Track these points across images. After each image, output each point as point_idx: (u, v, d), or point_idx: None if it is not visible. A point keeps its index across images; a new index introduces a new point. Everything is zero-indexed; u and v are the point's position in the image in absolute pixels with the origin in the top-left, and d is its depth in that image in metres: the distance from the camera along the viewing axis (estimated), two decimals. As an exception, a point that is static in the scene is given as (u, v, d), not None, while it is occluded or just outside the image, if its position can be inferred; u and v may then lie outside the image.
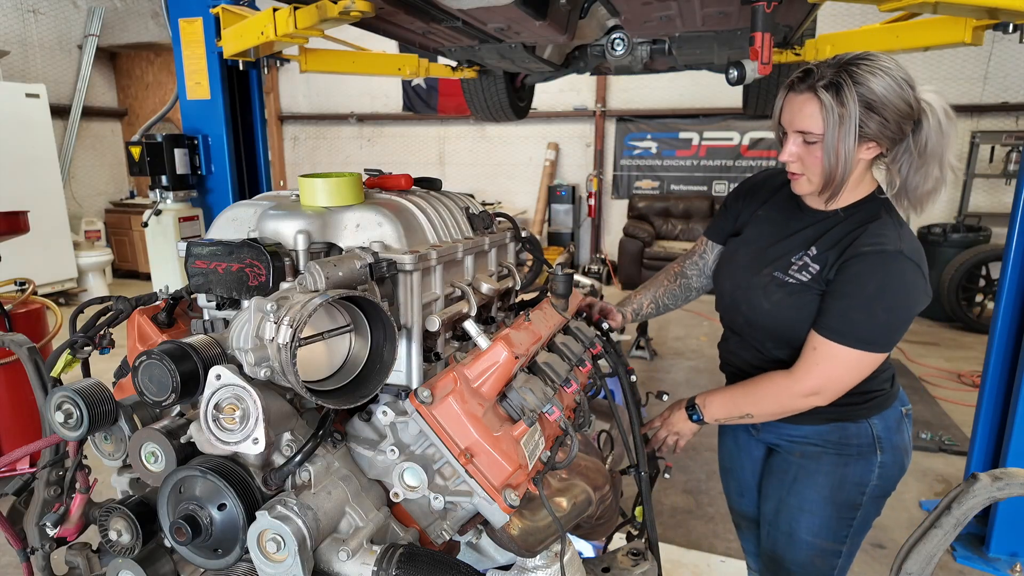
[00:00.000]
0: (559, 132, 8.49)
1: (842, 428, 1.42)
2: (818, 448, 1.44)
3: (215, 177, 2.98)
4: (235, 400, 0.80)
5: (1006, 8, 1.92)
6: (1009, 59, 6.49)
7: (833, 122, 1.20)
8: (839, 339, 1.26)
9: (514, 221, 1.41)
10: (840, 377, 1.29)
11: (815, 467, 1.45)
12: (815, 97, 1.21)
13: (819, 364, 1.29)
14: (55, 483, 1.16)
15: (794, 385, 1.32)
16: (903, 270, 1.23)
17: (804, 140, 1.26)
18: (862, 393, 1.38)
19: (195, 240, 0.97)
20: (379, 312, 0.87)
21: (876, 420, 1.42)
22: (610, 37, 2.30)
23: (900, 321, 1.26)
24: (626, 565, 1.22)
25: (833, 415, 1.40)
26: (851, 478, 1.43)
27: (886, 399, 1.43)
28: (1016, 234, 2.44)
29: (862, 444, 1.41)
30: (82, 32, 8.25)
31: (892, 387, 1.45)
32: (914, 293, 1.24)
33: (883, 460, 1.42)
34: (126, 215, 8.22)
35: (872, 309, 1.24)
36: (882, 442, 1.41)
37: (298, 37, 2.28)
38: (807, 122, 1.23)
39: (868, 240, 1.26)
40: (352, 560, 0.84)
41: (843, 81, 1.18)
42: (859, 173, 1.29)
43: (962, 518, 0.99)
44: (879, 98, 1.18)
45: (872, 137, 1.22)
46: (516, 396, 1.01)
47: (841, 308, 1.26)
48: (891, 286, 1.22)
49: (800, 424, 1.44)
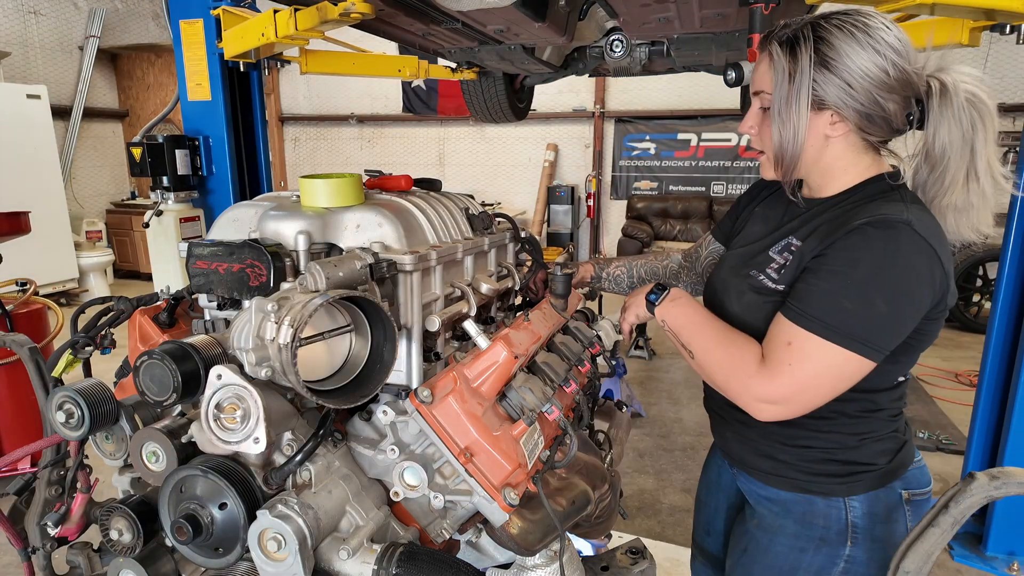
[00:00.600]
0: (558, 133, 8.50)
1: (809, 501, 1.12)
2: (777, 520, 1.16)
3: (216, 178, 2.98)
4: (236, 400, 0.80)
5: (1003, 9, 1.92)
6: (1006, 60, 6.49)
7: (781, 78, 1.00)
8: (823, 332, 0.94)
9: (513, 222, 1.42)
10: (818, 386, 0.98)
11: (767, 543, 1.17)
12: (768, 53, 1.03)
13: (793, 365, 0.96)
14: (56, 483, 1.16)
15: (757, 382, 0.99)
16: (911, 247, 0.93)
17: (761, 106, 1.07)
18: (843, 463, 1.09)
19: (196, 241, 0.98)
20: (379, 312, 0.87)
21: (856, 502, 1.10)
22: (609, 39, 2.31)
23: (906, 315, 0.95)
24: (625, 564, 1.22)
25: (800, 483, 1.13)
26: (805, 567, 1.13)
27: (879, 477, 1.10)
28: (1013, 234, 2.44)
29: (829, 527, 1.11)
30: (83, 33, 8.25)
31: (893, 461, 1.11)
32: (926, 278, 0.94)
33: (852, 554, 1.10)
34: (127, 216, 8.22)
35: (868, 294, 0.94)
36: (857, 531, 1.10)
37: (299, 39, 2.29)
38: (759, 80, 1.05)
39: (866, 213, 0.98)
40: (353, 559, 0.85)
41: (801, 36, 0.99)
42: (838, 155, 1.05)
43: (959, 517, 0.99)
44: (840, 57, 0.97)
45: (833, 105, 0.99)
46: (515, 396, 1.01)
47: (826, 291, 0.96)
48: (894, 265, 0.93)
49: (764, 483, 1.18)
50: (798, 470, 1.12)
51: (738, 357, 1.03)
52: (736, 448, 1.24)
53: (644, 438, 3.74)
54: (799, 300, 0.99)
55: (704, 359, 1.08)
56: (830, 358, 0.96)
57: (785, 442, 1.13)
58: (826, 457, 1.10)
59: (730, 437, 1.25)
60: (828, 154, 1.05)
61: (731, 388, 1.04)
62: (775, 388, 0.98)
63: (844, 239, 0.97)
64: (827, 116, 1.01)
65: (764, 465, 1.17)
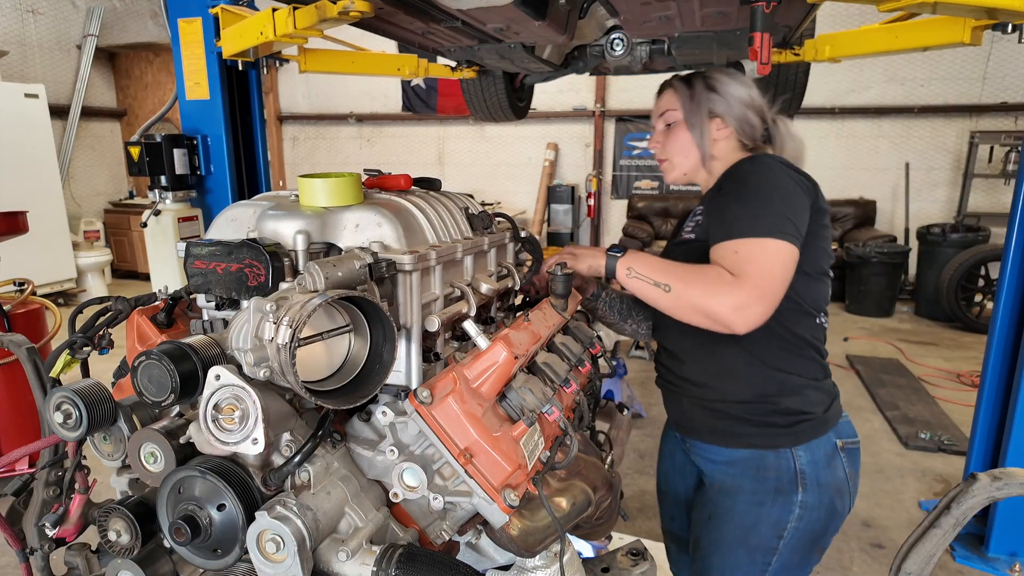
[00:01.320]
0: (558, 132, 8.49)
1: (760, 457, 1.29)
2: (735, 481, 1.32)
3: (214, 177, 2.97)
4: (234, 400, 0.80)
5: (1005, 8, 1.92)
6: (1008, 59, 6.49)
7: (685, 99, 1.41)
8: (752, 232, 1.17)
9: (513, 221, 1.41)
10: (772, 275, 1.15)
11: (730, 505, 1.32)
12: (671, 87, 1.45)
13: (749, 265, 1.15)
14: (54, 483, 1.16)
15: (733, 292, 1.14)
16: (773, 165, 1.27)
17: (665, 124, 1.45)
18: (787, 414, 1.27)
19: (194, 240, 0.97)
20: (378, 312, 0.87)
21: (801, 451, 1.28)
22: (609, 37, 2.30)
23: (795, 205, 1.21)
24: (625, 565, 1.22)
25: (751, 439, 1.30)
26: (766, 518, 1.29)
27: (817, 426, 1.29)
28: (1015, 234, 2.44)
29: (781, 478, 1.28)
30: (81, 32, 8.24)
31: (827, 412, 1.31)
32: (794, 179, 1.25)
33: (804, 499, 1.27)
34: (125, 215, 8.21)
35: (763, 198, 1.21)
36: (805, 478, 1.27)
37: (297, 37, 2.28)
38: (664, 103, 1.45)
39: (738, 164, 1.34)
40: (351, 560, 0.84)
41: (693, 77, 1.44)
42: (724, 153, 1.41)
43: (961, 518, 0.99)
44: (719, 83, 1.40)
45: (720, 114, 1.39)
46: (515, 396, 1.01)
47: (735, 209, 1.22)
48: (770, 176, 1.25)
49: (719, 445, 1.34)
50: (751, 425, 1.29)
51: (713, 278, 1.17)
52: (695, 414, 1.39)
53: (645, 439, 3.73)
54: (721, 225, 1.23)
55: (682, 289, 1.20)
56: (769, 249, 1.16)
57: (738, 395, 1.31)
58: (773, 408, 1.28)
59: (687, 406, 1.41)
60: (717, 151, 1.41)
61: (713, 306, 1.16)
62: (746, 291, 1.14)
63: (730, 177, 1.31)
64: (716, 123, 1.40)
65: (720, 426, 1.34)
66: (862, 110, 7.01)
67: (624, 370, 3.90)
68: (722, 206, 1.26)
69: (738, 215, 1.20)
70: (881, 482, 3.24)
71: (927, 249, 6.27)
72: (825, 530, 1.31)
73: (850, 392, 4.46)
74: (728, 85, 1.40)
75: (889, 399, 4.28)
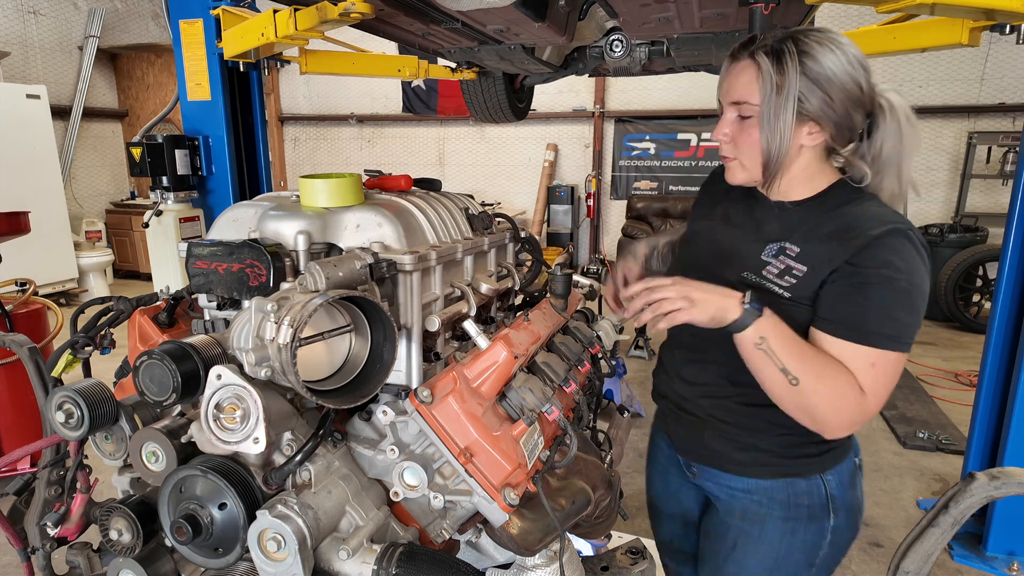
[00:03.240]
0: (558, 133, 8.49)
1: (791, 484, 1.20)
2: (762, 509, 1.22)
3: (216, 178, 2.98)
4: (236, 400, 0.80)
5: (1003, 9, 1.92)
6: (1006, 60, 6.49)
7: (770, 90, 1.05)
8: (894, 346, 1.03)
9: (513, 222, 1.42)
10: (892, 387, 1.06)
11: (758, 534, 1.22)
12: (753, 63, 1.07)
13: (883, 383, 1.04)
14: (56, 483, 1.16)
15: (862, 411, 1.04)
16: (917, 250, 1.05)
17: (739, 115, 1.11)
18: (819, 443, 1.15)
19: (196, 241, 0.97)
20: (379, 312, 0.87)
21: (831, 476, 1.20)
22: (609, 39, 2.31)
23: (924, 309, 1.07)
24: (624, 564, 1.22)
25: (782, 469, 1.20)
26: (800, 546, 1.21)
27: (844, 450, 1.22)
28: (1013, 234, 2.44)
29: (813, 504, 1.20)
30: (83, 33, 8.25)
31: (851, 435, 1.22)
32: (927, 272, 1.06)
33: (836, 524, 1.20)
34: (127, 216, 8.21)
35: (912, 302, 1.03)
36: (836, 502, 1.20)
37: (298, 39, 2.29)
38: (742, 91, 1.08)
39: (868, 222, 1.05)
40: (352, 559, 0.85)
41: (786, 48, 1.04)
42: (807, 163, 1.12)
43: (959, 517, 0.99)
44: (824, 71, 1.03)
45: (813, 116, 1.06)
46: (515, 396, 1.01)
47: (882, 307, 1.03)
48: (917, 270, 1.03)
49: (744, 476, 1.22)
50: (780, 456, 1.18)
51: (843, 390, 1.03)
52: (717, 445, 1.25)
53: (644, 438, 3.73)
54: (860, 320, 1.03)
55: (811, 390, 1.02)
56: (897, 366, 1.05)
57: (770, 432, 1.18)
58: (805, 440, 1.15)
59: (708, 437, 1.25)
60: (799, 162, 1.12)
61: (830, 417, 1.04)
62: (869, 412, 1.04)
63: (871, 253, 1.03)
64: (806, 127, 1.08)
65: (746, 458, 1.22)
66: (862, 111, 7.02)
67: (624, 370, 3.90)
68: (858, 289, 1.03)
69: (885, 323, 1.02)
70: (879, 481, 3.24)
71: (926, 249, 6.27)
72: (845, 552, 1.26)
73: (850, 392, 4.46)
74: (831, 69, 1.04)
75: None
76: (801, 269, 1.09)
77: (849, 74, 1.04)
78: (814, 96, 1.04)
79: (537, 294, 1.51)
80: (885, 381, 1.04)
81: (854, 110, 1.07)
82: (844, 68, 1.04)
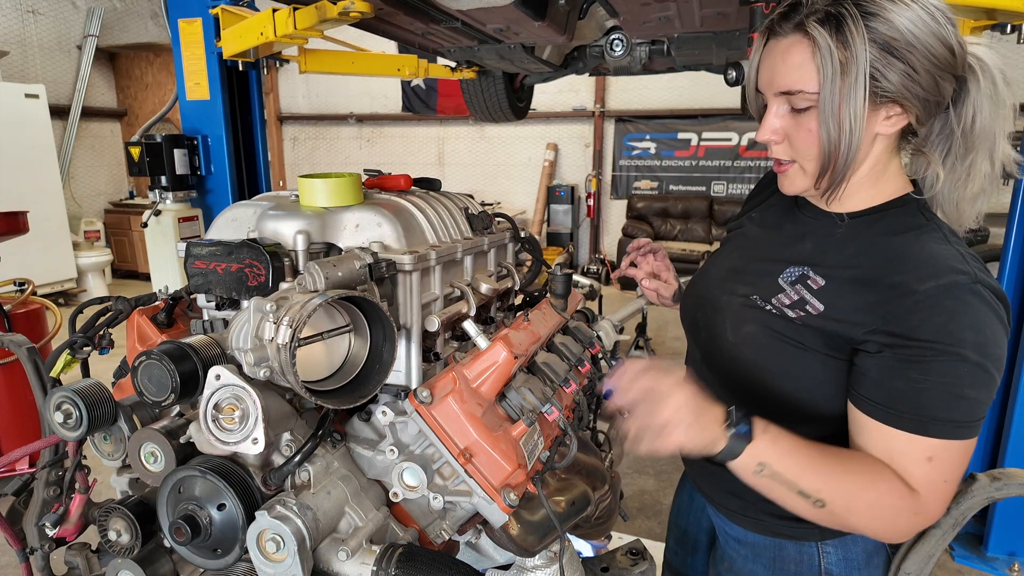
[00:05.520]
0: (558, 132, 8.50)
1: (779, 547, 1.03)
2: (747, 565, 1.07)
3: (214, 177, 2.98)
4: (234, 400, 0.80)
5: (1004, 9, 1.92)
6: (1007, 60, 6.46)
7: (832, 71, 0.80)
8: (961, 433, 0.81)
9: (513, 221, 1.41)
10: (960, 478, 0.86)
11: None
12: (805, 37, 0.81)
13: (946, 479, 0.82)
14: (54, 483, 1.16)
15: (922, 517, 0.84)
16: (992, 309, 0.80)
17: (791, 107, 0.86)
18: None
19: (195, 240, 0.97)
20: (378, 312, 0.87)
21: (830, 547, 1.00)
22: (609, 38, 2.31)
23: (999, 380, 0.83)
24: (625, 565, 1.22)
25: (769, 526, 1.03)
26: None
27: None
28: (1014, 234, 2.44)
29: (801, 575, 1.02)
30: (81, 32, 8.24)
31: None
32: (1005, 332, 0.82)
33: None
34: (125, 215, 8.22)
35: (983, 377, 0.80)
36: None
37: (297, 38, 2.28)
38: (794, 76, 0.83)
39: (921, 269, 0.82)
40: (351, 560, 0.84)
41: (846, 11, 0.79)
42: (879, 158, 0.87)
43: (960, 518, 0.99)
44: (902, 34, 0.78)
45: (894, 96, 0.81)
46: (515, 396, 1.01)
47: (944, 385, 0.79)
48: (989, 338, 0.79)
49: (734, 522, 1.08)
50: (766, 512, 0.99)
51: (888, 499, 0.82)
52: (704, 482, 1.14)
53: (644, 438, 3.73)
54: (914, 405, 0.81)
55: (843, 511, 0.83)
56: (966, 452, 0.83)
57: None
58: None
59: (698, 470, 1.15)
60: (870, 157, 0.87)
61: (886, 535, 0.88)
62: (932, 515, 0.85)
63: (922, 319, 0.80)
64: (884, 110, 0.83)
65: (732, 504, 1.07)
66: (862, 110, 7.02)
67: (624, 370, 3.89)
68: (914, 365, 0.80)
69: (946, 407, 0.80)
70: (880, 482, 3.24)
71: (927, 249, 6.27)
72: None
73: (850, 392, 4.46)
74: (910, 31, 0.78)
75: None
76: (817, 308, 0.89)
77: (934, 32, 0.79)
78: (892, 70, 0.79)
79: (537, 294, 1.51)
80: (947, 476, 0.82)
81: (943, 78, 0.81)
82: (927, 25, 0.79)
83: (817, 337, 0.89)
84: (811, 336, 0.90)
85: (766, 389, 0.95)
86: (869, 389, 0.85)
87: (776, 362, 0.93)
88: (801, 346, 0.91)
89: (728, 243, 1.17)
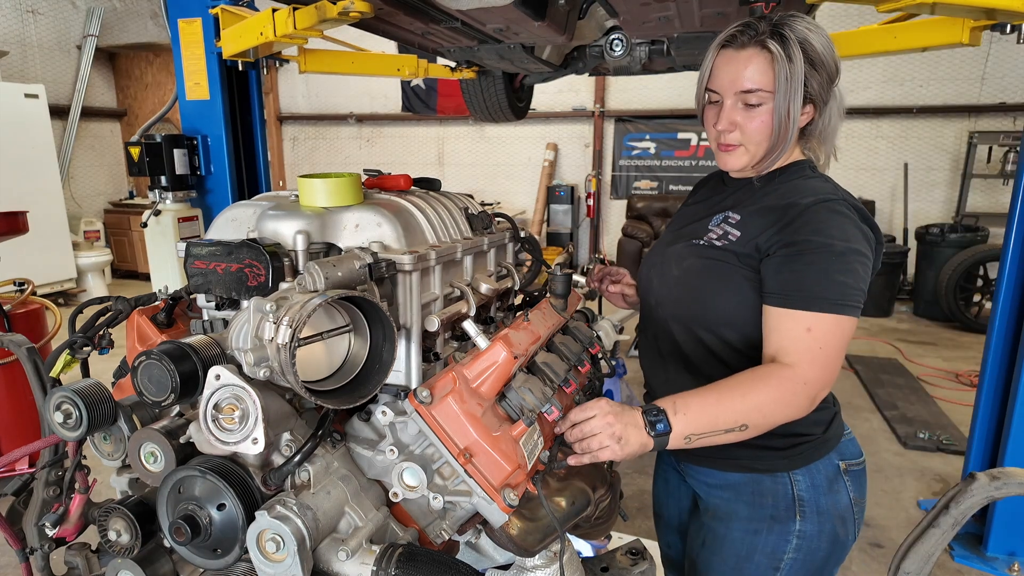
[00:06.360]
0: (558, 132, 8.49)
1: (755, 481, 1.18)
2: (728, 506, 1.21)
3: (214, 177, 2.97)
4: (234, 400, 0.80)
5: (1003, 8, 1.92)
6: (1006, 59, 6.49)
7: (785, 77, 1.07)
8: (834, 308, 1.03)
9: (513, 221, 1.41)
10: (838, 358, 1.05)
11: (723, 532, 1.21)
12: (764, 50, 1.09)
13: (822, 347, 1.03)
14: (54, 483, 1.16)
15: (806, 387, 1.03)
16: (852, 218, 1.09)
17: (744, 103, 1.12)
18: (783, 436, 1.12)
19: (194, 240, 0.97)
20: (378, 312, 0.87)
21: (800, 475, 1.16)
22: (609, 38, 2.30)
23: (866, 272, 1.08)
24: (624, 564, 1.22)
25: (745, 463, 1.18)
26: (761, 549, 1.18)
27: (816, 447, 1.17)
28: (1014, 234, 2.44)
29: (777, 505, 1.17)
30: (81, 32, 8.24)
31: (828, 431, 1.19)
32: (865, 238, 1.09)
33: (803, 528, 1.15)
34: (125, 215, 8.21)
35: (849, 263, 1.04)
36: (804, 504, 1.15)
37: (297, 38, 2.28)
38: (757, 78, 1.10)
39: (805, 195, 1.11)
40: (351, 560, 0.84)
41: (787, 34, 1.08)
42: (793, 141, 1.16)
43: (960, 517, 0.99)
44: (818, 54, 1.09)
45: (813, 98, 1.12)
46: (515, 396, 1.01)
47: (818, 271, 1.04)
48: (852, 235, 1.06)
49: (713, 469, 1.23)
50: (745, 447, 1.12)
51: (779, 391, 1.03)
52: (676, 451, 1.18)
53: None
54: (797, 288, 1.05)
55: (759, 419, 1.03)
56: (843, 328, 1.04)
57: None
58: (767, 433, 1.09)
59: None
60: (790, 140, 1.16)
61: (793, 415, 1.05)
62: (817, 376, 1.03)
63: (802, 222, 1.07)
64: (806, 108, 1.14)
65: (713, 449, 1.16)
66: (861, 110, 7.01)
67: (624, 370, 3.89)
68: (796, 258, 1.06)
69: (819, 284, 1.03)
70: (880, 482, 3.24)
71: (926, 249, 6.27)
72: (827, 560, 1.20)
73: (849, 392, 4.46)
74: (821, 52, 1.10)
75: (888, 399, 4.28)
76: (735, 234, 1.16)
77: (831, 54, 1.11)
78: (814, 79, 1.10)
79: (537, 294, 1.51)
80: (823, 344, 1.03)
81: (828, 92, 1.15)
82: (830, 48, 1.11)
83: (737, 257, 1.14)
84: (733, 257, 1.15)
85: (704, 306, 1.18)
86: (768, 284, 1.10)
87: (710, 281, 1.17)
88: (727, 264, 1.15)
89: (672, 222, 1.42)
